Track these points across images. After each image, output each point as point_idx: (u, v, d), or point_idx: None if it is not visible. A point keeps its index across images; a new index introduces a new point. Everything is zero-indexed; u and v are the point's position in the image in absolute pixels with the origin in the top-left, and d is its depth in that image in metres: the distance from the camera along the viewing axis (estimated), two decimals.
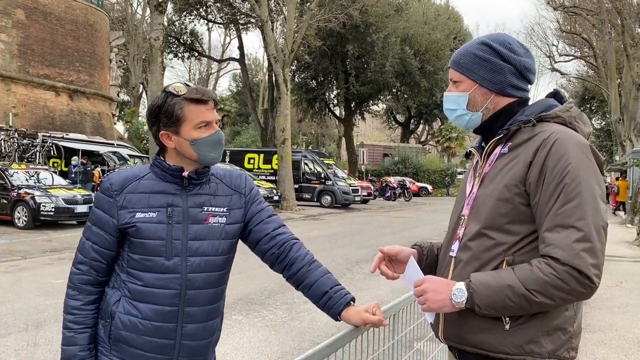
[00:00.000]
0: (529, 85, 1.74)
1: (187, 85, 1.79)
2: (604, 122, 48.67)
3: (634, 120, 26.94)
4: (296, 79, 38.74)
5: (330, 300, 1.83)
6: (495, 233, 1.58)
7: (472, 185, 1.73)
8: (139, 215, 1.75)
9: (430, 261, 1.93)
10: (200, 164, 1.82)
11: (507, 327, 1.55)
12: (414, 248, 1.95)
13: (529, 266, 1.50)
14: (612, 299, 7.23)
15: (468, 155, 1.85)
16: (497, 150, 1.68)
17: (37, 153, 19.42)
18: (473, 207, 1.67)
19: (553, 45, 41.28)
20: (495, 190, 1.60)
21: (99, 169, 20.92)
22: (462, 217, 1.71)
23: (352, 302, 1.83)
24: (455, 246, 1.70)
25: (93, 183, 19.63)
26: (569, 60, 42.54)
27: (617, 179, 28.53)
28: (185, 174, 1.81)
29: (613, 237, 12.57)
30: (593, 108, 49.08)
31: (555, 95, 1.77)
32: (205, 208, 1.83)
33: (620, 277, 8.68)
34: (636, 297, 7.39)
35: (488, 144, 1.71)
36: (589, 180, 1.51)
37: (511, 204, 1.57)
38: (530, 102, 1.74)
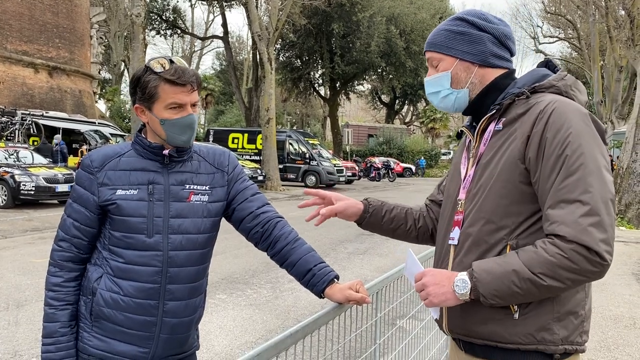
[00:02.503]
0: (511, 56, 1.66)
1: (172, 62, 1.73)
2: (586, 104, 49.16)
3: (616, 103, 27.29)
4: (281, 58, 38.39)
5: (314, 277, 1.83)
6: (496, 216, 1.48)
7: (467, 167, 1.63)
8: (119, 192, 1.73)
9: (373, 220, 1.91)
10: (170, 145, 1.79)
11: (517, 315, 1.44)
12: (362, 202, 1.93)
13: (533, 248, 1.39)
14: None
15: (459, 135, 1.76)
16: (491, 127, 1.58)
17: (16, 131, 19.09)
18: (470, 190, 1.57)
19: (538, 26, 41.51)
20: (494, 170, 1.50)
21: (85, 146, 20.59)
22: (459, 202, 1.61)
23: (335, 280, 1.84)
24: (454, 233, 1.59)
25: (60, 162, 19.04)
26: (553, 42, 42.94)
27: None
28: (165, 152, 1.78)
29: None
30: None
31: (547, 64, 1.67)
32: (187, 186, 1.81)
33: None
34: (612, 276, 7.56)
35: (480, 121, 1.61)
36: (592, 150, 1.40)
37: (511, 184, 1.47)
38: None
